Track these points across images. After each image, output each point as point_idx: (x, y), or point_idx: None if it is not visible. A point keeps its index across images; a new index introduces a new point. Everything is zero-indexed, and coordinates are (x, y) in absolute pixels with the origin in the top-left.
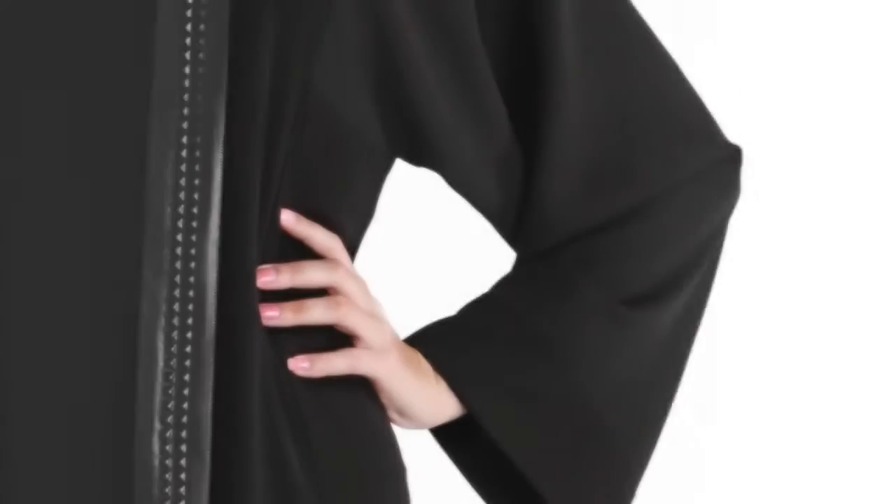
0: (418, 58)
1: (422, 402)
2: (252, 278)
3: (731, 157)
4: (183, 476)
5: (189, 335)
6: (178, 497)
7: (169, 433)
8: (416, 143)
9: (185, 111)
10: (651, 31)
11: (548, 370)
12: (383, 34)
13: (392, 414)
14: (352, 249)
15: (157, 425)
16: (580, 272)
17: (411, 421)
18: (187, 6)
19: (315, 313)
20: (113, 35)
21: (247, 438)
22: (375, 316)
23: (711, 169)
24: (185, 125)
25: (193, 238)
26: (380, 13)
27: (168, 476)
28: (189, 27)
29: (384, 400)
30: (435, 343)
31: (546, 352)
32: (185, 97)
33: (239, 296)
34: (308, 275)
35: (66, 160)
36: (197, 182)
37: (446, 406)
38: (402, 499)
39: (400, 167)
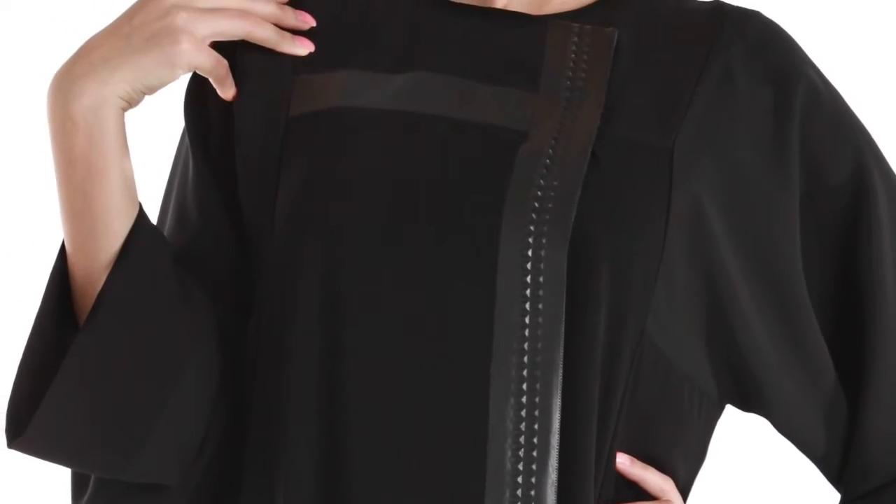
0: (746, 308)
1: None
2: None
3: None
4: None
5: None
6: None
7: None
8: (744, 389)
9: (525, 359)
10: None
11: None
12: (713, 284)
13: None
14: (684, 491)
15: None
16: None
17: None
18: (527, 258)
19: None
20: (455, 297)
21: None
22: None
23: None
24: (524, 373)
25: (533, 480)
26: (710, 264)
27: None
28: (528, 279)
29: None
30: None
31: None
32: (525, 346)
33: None
34: None
35: (416, 399)
36: (536, 427)
37: None
38: None
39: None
